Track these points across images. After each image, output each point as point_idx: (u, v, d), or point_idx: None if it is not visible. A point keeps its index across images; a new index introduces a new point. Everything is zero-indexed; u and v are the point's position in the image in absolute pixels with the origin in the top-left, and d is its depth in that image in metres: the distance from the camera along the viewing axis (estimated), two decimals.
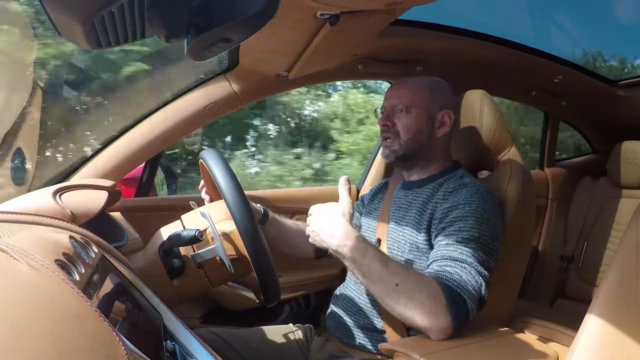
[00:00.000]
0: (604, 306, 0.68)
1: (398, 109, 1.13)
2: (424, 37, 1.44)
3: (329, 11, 0.91)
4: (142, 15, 0.59)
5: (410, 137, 1.12)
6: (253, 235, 0.94)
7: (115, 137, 1.39)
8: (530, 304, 1.93)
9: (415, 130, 1.12)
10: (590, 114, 2.20)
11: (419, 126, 1.13)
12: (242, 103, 1.49)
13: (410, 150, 1.13)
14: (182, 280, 1.07)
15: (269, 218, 1.26)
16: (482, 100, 1.24)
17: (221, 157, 1.02)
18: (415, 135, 1.12)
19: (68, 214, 0.79)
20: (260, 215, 1.25)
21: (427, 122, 1.13)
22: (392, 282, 0.90)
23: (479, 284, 0.91)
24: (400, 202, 1.16)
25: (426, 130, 1.13)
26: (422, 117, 1.13)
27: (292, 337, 1.21)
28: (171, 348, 0.66)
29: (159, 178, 2.00)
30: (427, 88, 1.15)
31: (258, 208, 1.25)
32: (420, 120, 1.12)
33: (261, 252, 0.94)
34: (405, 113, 1.12)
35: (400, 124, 1.13)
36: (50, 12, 0.55)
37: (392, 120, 1.14)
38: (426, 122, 1.13)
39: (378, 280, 0.91)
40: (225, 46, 0.63)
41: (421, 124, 1.13)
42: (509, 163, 1.17)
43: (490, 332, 0.96)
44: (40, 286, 0.41)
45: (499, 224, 1.03)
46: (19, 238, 0.54)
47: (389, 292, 0.90)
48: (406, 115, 1.12)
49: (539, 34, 2.99)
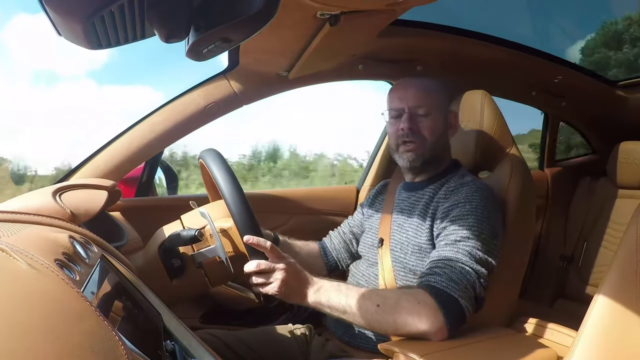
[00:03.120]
0: (604, 306, 0.68)
1: (420, 113, 1.10)
2: (424, 37, 1.43)
3: (329, 11, 0.91)
4: (142, 15, 0.59)
5: (434, 141, 1.11)
6: (252, 231, 0.94)
7: (115, 137, 1.39)
8: (530, 304, 1.93)
9: (438, 134, 1.12)
10: (590, 114, 2.20)
11: (441, 130, 1.12)
12: (242, 103, 1.49)
13: (435, 153, 1.13)
14: (181, 280, 1.08)
15: (279, 242, 1.25)
16: (482, 100, 1.24)
17: (220, 156, 1.02)
18: (438, 138, 1.12)
19: (68, 213, 0.79)
20: (270, 239, 1.24)
21: (444, 125, 1.14)
22: (373, 306, 0.89)
23: (471, 282, 0.91)
24: (403, 204, 1.16)
25: (444, 134, 1.14)
26: (440, 120, 1.12)
27: (292, 337, 1.21)
28: (171, 348, 0.66)
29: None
30: (439, 90, 1.14)
31: (268, 232, 1.24)
32: (440, 123, 1.12)
33: (260, 252, 0.94)
34: (427, 117, 1.10)
35: (425, 128, 1.10)
36: (50, 12, 0.55)
37: (417, 125, 1.11)
38: (444, 125, 1.13)
39: (360, 310, 0.90)
40: (225, 46, 0.63)
41: (441, 126, 1.13)
42: (510, 163, 1.17)
43: (490, 332, 0.95)
44: (40, 286, 0.41)
45: (499, 223, 1.03)
46: (19, 237, 0.54)
47: (374, 317, 0.89)
48: (428, 118, 1.10)
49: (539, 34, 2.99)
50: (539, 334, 1.10)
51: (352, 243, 1.33)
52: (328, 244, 1.37)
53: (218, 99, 1.43)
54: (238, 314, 1.51)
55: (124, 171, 1.39)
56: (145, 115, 1.41)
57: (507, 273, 1.10)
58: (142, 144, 1.38)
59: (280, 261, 0.94)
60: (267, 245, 0.93)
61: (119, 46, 0.66)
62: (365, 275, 1.15)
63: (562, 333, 1.05)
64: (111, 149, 1.38)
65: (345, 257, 1.33)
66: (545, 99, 2.02)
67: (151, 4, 0.57)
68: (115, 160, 1.36)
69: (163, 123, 1.40)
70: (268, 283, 0.93)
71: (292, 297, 0.94)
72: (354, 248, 1.32)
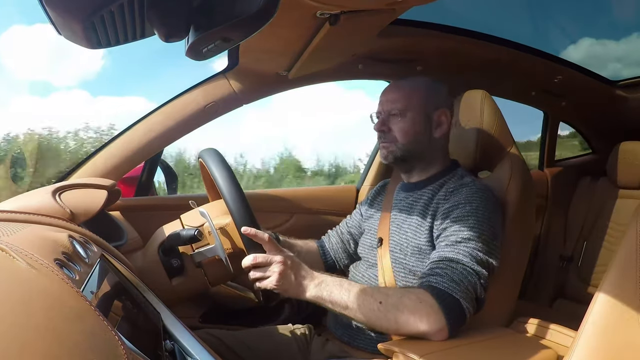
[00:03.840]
0: (604, 306, 0.68)
1: (393, 114, 1.11)
2: (424, 37, 1.43)
3: (329, 11, 0.91)
4: (142, 15, 0.59)
5: (409, 141, 1.11)
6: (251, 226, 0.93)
7: (114, 136, 1.39)
8: (530, 304, 1.93)
9: (413, 134, 1.11)
10: (590, 114, 2.20)
11: (417, 129, 1.11)
12: (242, 102, 1.49)
13: (408, 153, 1.12)
14: (181, 279, 1.08)
15: (280, 242, 1.24)
16: (482, 100, 1.24)
17: (220, 155, 1.02)
18: (413, 138, 1.11)
19: (67, 213, 0.79)
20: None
21: (425, 124, 1.12)
22: (375, 303, 0.89)
23: (472, 283, 0.91)
24: (401, 205, 1.16)
25: (424, 132, 1.12)
26: (418, 119, 1.11)
27: (292, 337, 1.21)
28: (170, 347, 0.66)
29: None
30: (421, 89, 1.13)
31: (269, 233, 1.24)
32: (417, 122, 1.11)
33: (258, 245, 0.94)
34: (400, 117, 1.11)
35: (397, 129, 1.11)
36: (50, 12, 0.55)
37: (388, 126, 1.12)
38: (423, 123, 1.12)
39: (361, 306, 0.90)
40: (225, 46, 0.63)
41: (418, 126, 1.11)
42: (510, 163, 1.17)
43: (490, 332, 0.95)
44: (40, 285, 0.41)
45: (499, 223, 1.03)
46: (19, 237, 0.54)
47: (376, 314, 0.89)
48: (402, 119, 1.11)
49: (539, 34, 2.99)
50: (538, 334, 1.10)
51: (349, 243, 1.33)
52: (326, 243, 1.37)
53: (218, 99, 1.43)
54: (238, 313, 1.50)
55: (124, 170, 1.39)
56: (144, 115, 1.41)
57: (507, 273, 1.10)
58: (141, 143, 1.38)
59: (278, 254, 0.93)
60: (264, 237, 0.92)
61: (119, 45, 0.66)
62: (365, 276, 1.15)
63: (562, 333, 1.05)
64: (111, 149, 1.38)
65: (343, 257, 1.33)
66: (545, 99, 2.02)
67: (151, 3, 0.57)
68: (115, 160, 1.36)
69: (163, 122, 1.40)
70: (266, 277, 0.93)
71: (291, 290, 0.93)
72: (352, 249, 1.32)
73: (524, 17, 2.90)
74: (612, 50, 3.52)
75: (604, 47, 3.73)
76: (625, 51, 3.41)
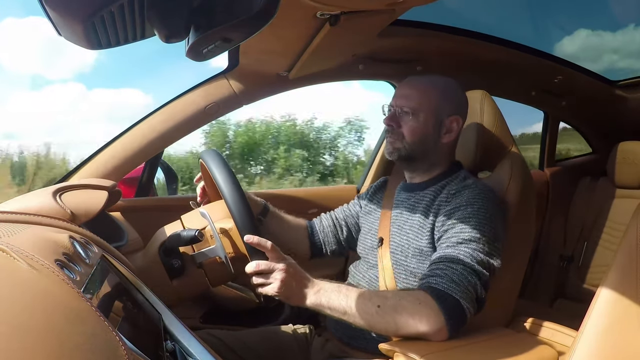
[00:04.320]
0: (604, 306, 0.68)
1: (405, 111, 1.09)
2: (424, 37, 1.44)
3: (329, 11, 0.91)
4: (142, 15, 0.59)
5: (415, 141, 1.09)
6: (252, 232, 0.94)
7: (115, 137, 1.39)
8: (530, 304, 1.93)
9: (420, 135, 1.09)
10: (590, 114, 2.20)
11: (426, 131, 1.09)
12: (242, 103, 1.49)
13: (413, 153, 1.11)
14: (182, 280, 1.07)
15: (269, 211, 1.25)
16: (482, 100, 1.24)
17: (221, 156, 1.02)
18: (420, 139, 1.09)
19: (68, 213, 0.79)
20: (260, 208, 1.25)
21: (435, 128, 1.10)
22: (373, 307, 0.89)
23: (473, 283, 0.90)
24: (402, 205, 1.15)
25: (432, 136, 1.10)
26: (429, 122, 1.09)
27: (293, 337, 1.21)
28: (171, 348, 0.66)
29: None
30: (438, 91, 1.11)
31: (259, 201, 1.25)
32: (427, 125, 1.09)
33: (261, 252, 0.94)
34: (412, 116, 1.09)
35: (406, 127, 1.09)
36: (50, 12, 0.55)
37: (398, 122, 1.10)
38: (433, 127, 1.10)
39: (360, 310, 0.90)
40: (225, 46, 0.63)
41: (428, 129, 1.09)
42: (510, 163, 1.17)
43: (490, 332, 0.95)
44: (40, 286, 0.41)
45: (501, 225, 1.03)
46: (19, 238, 0.54)
47: (374, 317, 0.89)
48: (413, 118, 1.09)
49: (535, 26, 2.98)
50: (539, 334, 1.10)
51: (341, 229, 1.32)
52: (317, 224, 1.35)
53: (218, 99, 1.43)
54: (238, 314, 1.51)
55: (124, 171, 1.39)
56: (145, 116, 1.41)
57: (507, 273, 1.10)
58: (142, 144, 1.38)
59: (281, 261, 0.94)
60: (267, 245, 0.93)
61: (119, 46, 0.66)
62: (365, 277, 1.15)
63: (562, 333, 1.05)
64: (111, 149, 1.38)
65: (332, 242, 1.31)
66: (545, 99, 2.02)
67: (151, 4, 0.57)
68: (116, 161, 1.36)
69: (163, 123, 1.40)
70: (268, 283, 0.93)
71: (292, 298, 0.94)
72: (342, 235, 1.31)
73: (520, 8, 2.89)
74: (609, 42, 3.51)
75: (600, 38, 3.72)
76: (622, 42, 3.39)
